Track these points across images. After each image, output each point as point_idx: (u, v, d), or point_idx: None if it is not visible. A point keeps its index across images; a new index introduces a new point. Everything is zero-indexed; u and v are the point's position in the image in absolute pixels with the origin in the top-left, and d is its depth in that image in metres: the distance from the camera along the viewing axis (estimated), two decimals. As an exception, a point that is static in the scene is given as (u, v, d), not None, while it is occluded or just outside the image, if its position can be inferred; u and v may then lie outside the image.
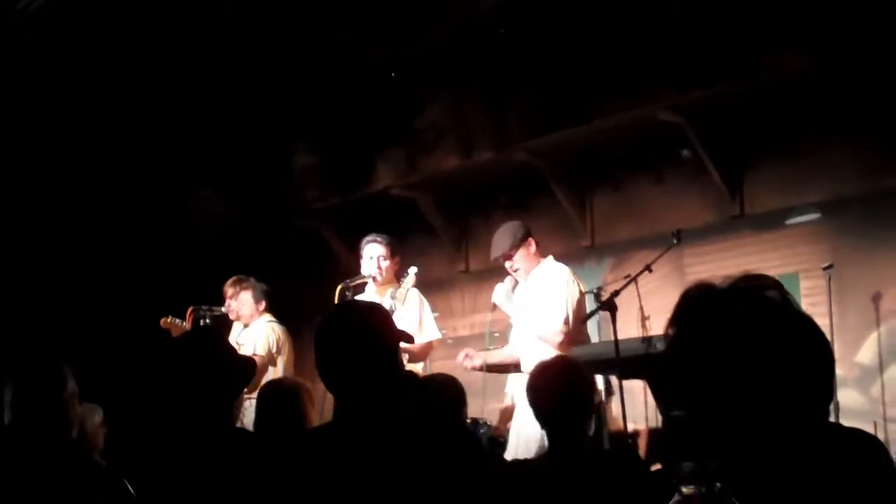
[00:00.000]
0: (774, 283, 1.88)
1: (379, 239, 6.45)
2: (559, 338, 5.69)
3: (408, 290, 6.21)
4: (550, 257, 6.07)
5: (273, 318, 7.34)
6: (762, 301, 1.86)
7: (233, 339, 7.18)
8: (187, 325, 7.21)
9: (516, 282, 6.04)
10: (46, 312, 9.11)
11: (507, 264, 5.95)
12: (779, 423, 1.81)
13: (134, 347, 7.93)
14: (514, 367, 6.05)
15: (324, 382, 2.77)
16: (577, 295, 5.84)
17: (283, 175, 9.91)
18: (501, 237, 6.00)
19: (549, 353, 5.58)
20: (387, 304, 6.11)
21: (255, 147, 9.59)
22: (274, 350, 7.11)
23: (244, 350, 6.90)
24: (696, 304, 1.90)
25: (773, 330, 1.83)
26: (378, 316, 2.87)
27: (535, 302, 5.86)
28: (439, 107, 8.88)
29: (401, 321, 5.86)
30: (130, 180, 9.57)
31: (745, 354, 1.81)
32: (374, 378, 2.66)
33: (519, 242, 5.92)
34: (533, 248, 5.98)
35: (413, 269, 6.26)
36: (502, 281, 6.10)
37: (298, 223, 9.97)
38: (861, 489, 1.77)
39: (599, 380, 5.65)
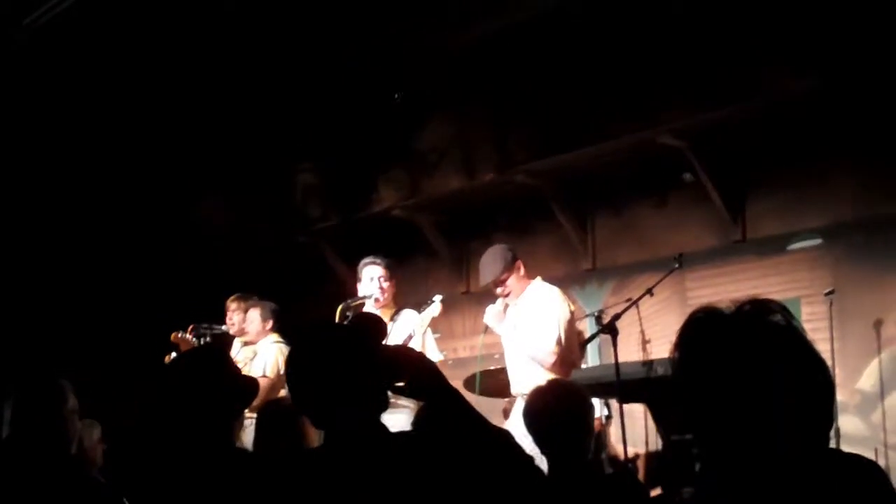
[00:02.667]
0: (780, 308, 1.89)
1: (378, 260, 6.44)
2: (552, 358, 5.63)
3: (432, 317, 6.18)
4: (539, 278, 6.04)
5: (280, 339, 7.32)
6: (767, 326, 1.86)
7: (231, 355, 7.17)
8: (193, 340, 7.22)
9: (507, 304, 6.01)
10: (47, 328, 9.11)
11: (499, 290, 5.92)
12: (779, 448, 1.81)
13: (133, 364, 7.92)
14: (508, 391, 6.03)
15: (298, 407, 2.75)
16: (568, 315, 5.79)
17: (286, 194, 9.93)
18: (490, 262, 5.96)
19: (541, 374, 5.56)
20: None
21: (259, 166, 9.61)
22: (282, 371, 7.08)
23: (246, 369, 6.90)
24: (702, 328, 1.91)
25: (776, 355, 1.83)
26: (345, 334, 2.83)
27: (526, 323, 5.83)
28: (442, 129, 8.90)
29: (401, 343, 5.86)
30: (134, 197, 9.58)
31: (749, 378, 1.82)
32: (350, 400, 2.62)
33: (510, 266, 5.90)
34: (522, 270, 5.96)
35: (438, 297, 6.22)
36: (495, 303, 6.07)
37: (300, 242, 9.98)
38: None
39: (600, 403, 5.64)
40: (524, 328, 5.81)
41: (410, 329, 6.00)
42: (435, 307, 6.15)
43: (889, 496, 1.81)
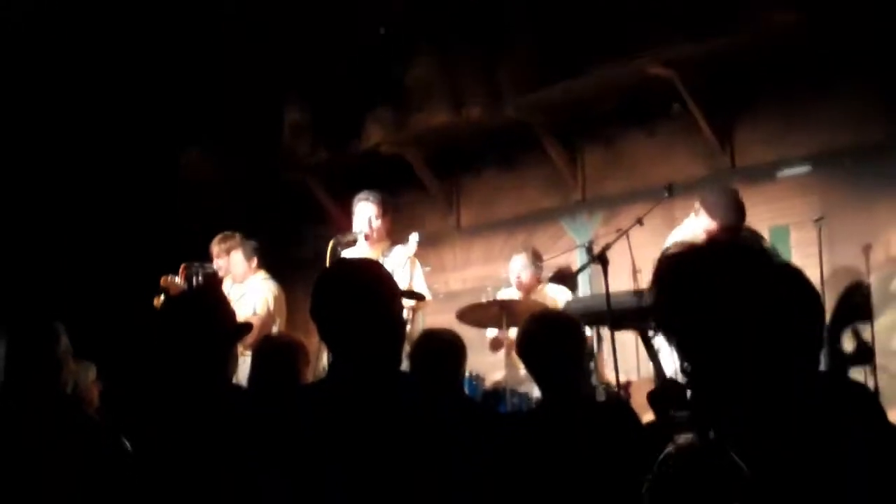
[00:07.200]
0: (751, 235, 1.90)
1: (370, 198, 6.43)
2: None
3: (408, 256, 6.19)
4: None
5: (268, 276, 7.32)
6: (744, 256, 1.87)
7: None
8: (182, 282, 7.22)
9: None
10: (39, 270, 9.11)
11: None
12: (770, 371, 1.83)
13: (126, 304, 7.93)
14: None
15: (321, 335, 2.76)
16: None
17: (274, 130, 9.87)
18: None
19: None
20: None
21: (246, 103, 9.55)
22: (273, 308, 7.10)
23: (237, 307, 6.91)
24: (674, 267, 1.91)
25: (755, 283, 1.84)
26: (381, 273, 2.86)
27: None
28: (429, 63, 8.82)
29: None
30: (119, 137, 9.53)
31: (730, 310, 1.83)
32: (374, 336, 2.65)
33: None
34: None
35: (414, 237, 6.22)
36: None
37: (288, 178, 9.94)
38: (849, 435, 1.79)
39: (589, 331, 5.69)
40: None
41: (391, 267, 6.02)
42: (410, 246, 6.17)
43: (877, 416, 1.84)
